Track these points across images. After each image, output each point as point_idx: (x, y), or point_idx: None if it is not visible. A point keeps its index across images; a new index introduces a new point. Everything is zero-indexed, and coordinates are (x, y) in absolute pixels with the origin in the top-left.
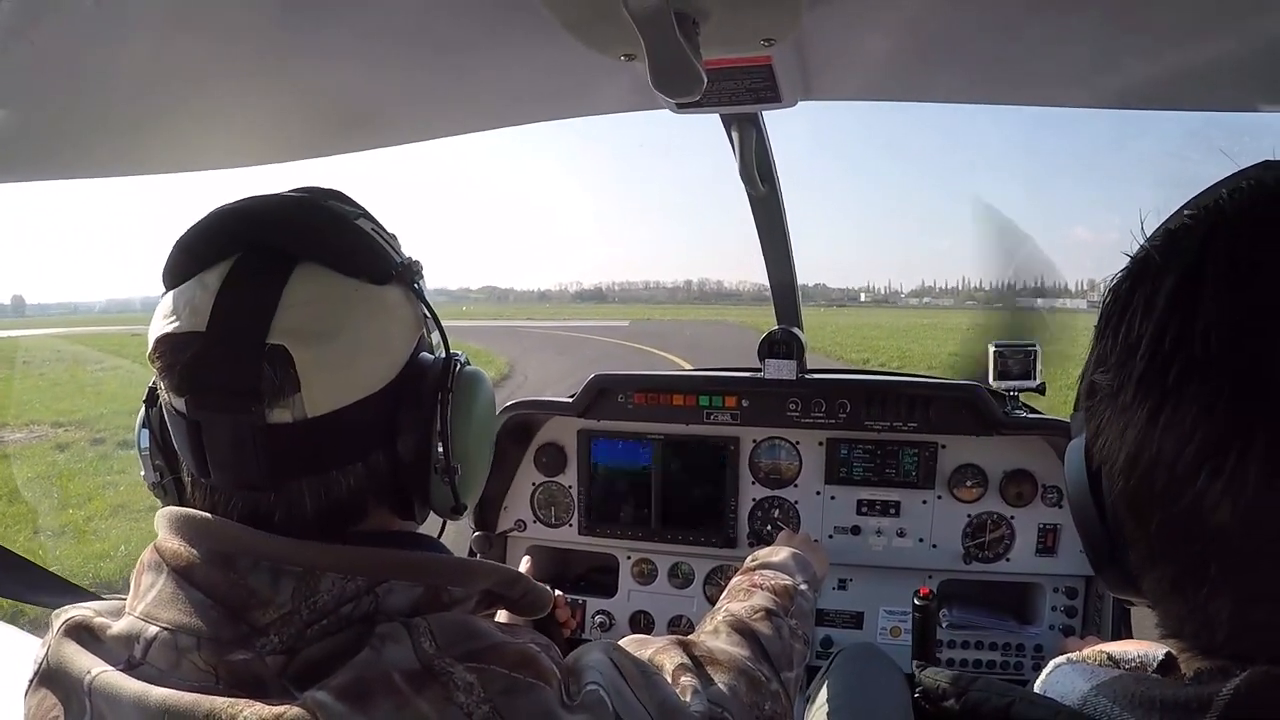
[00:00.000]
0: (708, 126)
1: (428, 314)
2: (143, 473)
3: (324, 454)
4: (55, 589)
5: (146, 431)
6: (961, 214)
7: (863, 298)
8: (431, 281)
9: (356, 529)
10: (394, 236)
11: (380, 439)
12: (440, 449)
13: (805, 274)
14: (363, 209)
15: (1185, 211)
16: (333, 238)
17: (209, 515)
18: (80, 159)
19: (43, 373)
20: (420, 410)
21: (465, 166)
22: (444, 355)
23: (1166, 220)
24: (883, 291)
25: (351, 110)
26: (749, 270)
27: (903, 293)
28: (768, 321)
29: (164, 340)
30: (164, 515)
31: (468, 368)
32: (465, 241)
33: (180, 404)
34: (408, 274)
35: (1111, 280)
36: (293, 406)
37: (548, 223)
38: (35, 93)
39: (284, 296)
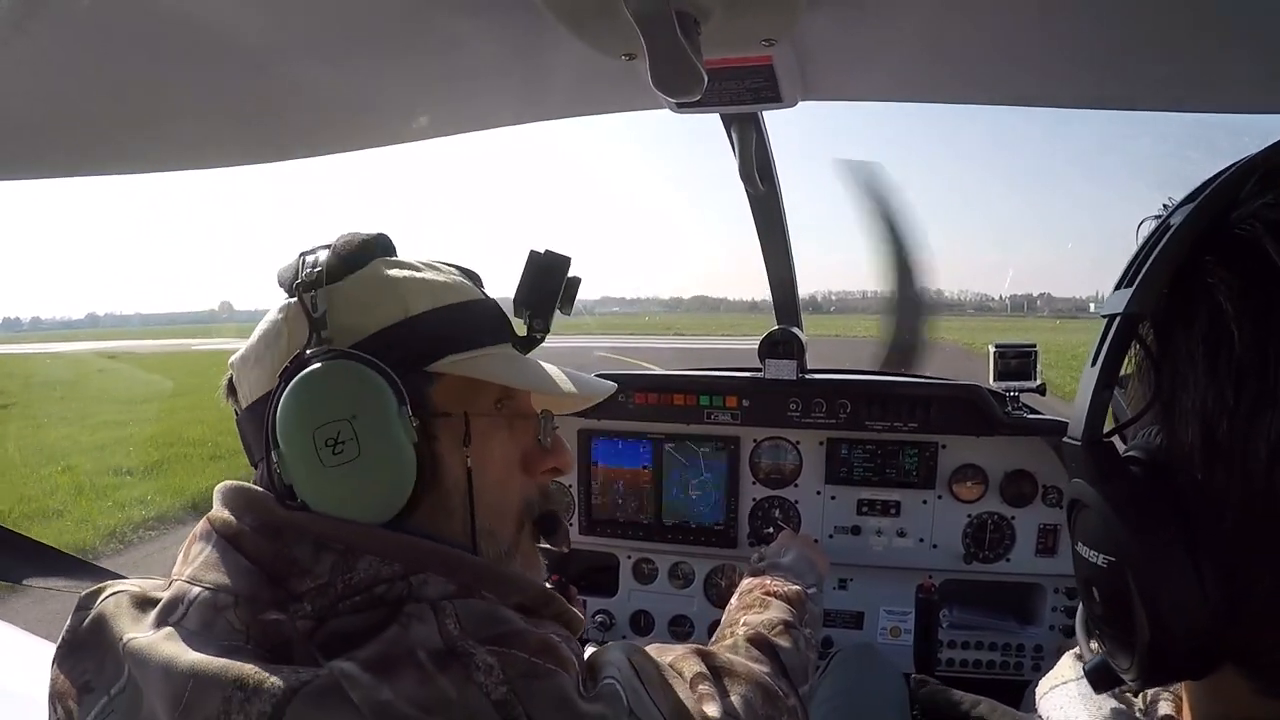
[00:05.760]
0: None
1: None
2: None
3: (252, 443)
4: (75, 570)
5: None
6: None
7: (1092, 308)
8: (645, 291)
9: (401, 520)
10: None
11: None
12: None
13: (1029, 284)
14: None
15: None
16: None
17: (258, 489)
18: (74, 157)
19: None
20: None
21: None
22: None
23: None
24: None
25: (349, 109)
26: (965, 278)
27: None
28: (975, 336)
29: None
30: (219, 488)
31: (309, 367)
32: (679, 253)
33: None
34: (300, 287)
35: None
36: (237, 398)
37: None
38: (32, 90)
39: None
